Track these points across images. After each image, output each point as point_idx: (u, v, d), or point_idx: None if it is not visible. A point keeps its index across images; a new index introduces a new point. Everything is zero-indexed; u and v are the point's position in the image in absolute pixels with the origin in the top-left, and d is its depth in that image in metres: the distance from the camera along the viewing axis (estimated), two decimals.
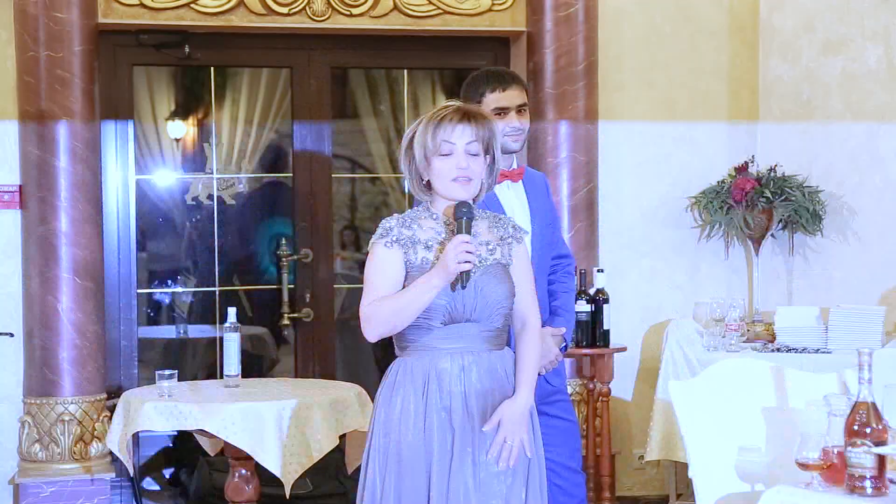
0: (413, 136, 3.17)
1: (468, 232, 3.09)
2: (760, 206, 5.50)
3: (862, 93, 5.54)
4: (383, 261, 3.15)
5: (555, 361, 3.90)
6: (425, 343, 3.18)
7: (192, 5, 5.27)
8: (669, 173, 5.77)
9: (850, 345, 5.07)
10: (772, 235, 5.71)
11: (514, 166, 3.97)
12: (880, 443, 2.83)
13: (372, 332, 3.14)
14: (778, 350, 5.21)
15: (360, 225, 6.43)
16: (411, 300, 3.08)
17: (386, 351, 5.90)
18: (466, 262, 3.04)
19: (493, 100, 3.86)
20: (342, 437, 4.44)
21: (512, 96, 3.88)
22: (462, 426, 3.14)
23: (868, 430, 2.83)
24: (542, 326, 3.76)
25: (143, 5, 5.23)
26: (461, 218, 3.11)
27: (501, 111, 3.86)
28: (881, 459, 2.83)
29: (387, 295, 3.13)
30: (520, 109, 3.89)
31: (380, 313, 3.11)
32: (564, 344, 3.95)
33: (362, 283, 3.22)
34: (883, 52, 5.49)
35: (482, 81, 3.91)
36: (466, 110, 3.17)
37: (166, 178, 6.09)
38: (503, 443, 3.14)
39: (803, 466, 2.95)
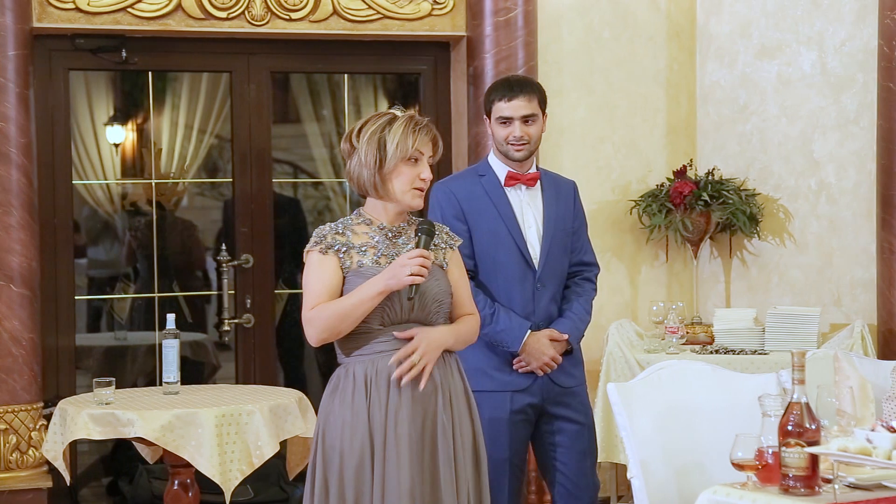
0: (383, 130, 3.20)
1: (426, 248, 3.15)
2: (699, 209, 5.55)
3: (797, 97, 5.61)
4: (320, 267, 3.20)
5: (550, 363, 3.99)
6: (365, 346, 3.21)
7: (128, 9, 5.21)
8: (609, 177, 5.80)
9: (787, 346, 5.13)
10: (710, 238, 5.76)
11: (532, 170, 4.08)
12: (813, 443, 2.86)
13: (315, 336, 3.19)
14: (716, 352, 5.26)
15: (303, 229, 6.40)
16: (355, 305, 3.13)
17: (328, 356, 5.91)
18: (419, 275, 3.09)
19: (497, 109, 4.00)
20: (283, 443, 4.43)
21: (516, 107, 3.98)
22: (402, 424, 3.16)
23: (801, 431, 2.86)
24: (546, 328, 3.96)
25: (78, 9, 5.16)
26: (421, 234, 3.17)
27: (506, 120, 3.99)
28: (814, 459, 2.86)
29: (329, 300, 3.17)
30: (526, 119, 3.99)
31: (323, 318, 3.15)
32: (570, 347, 4.04)
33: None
34: (817, 56, 5.57)
35: (493, 90, 4.06)
36: (427, 124, 3.26)
37: (105, 183, 6.03)
38: (409, 356, 3.15)
39: (739, 466, 2.98)
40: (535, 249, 4.04)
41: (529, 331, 3.98)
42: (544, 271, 4.03)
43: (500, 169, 4.07)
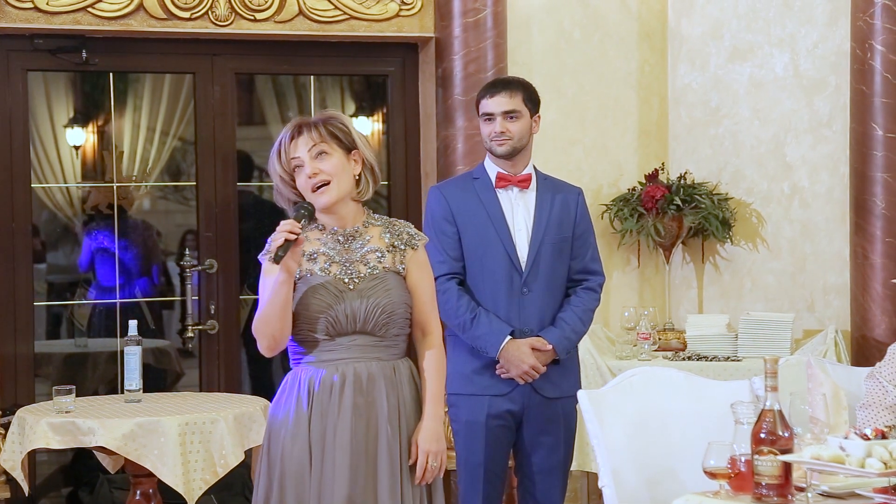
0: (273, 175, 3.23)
1: (298, 221, 3.08)
2: (671, 213, 5.52)
3: (769, 100, 5.59)
4: (269, 276, 3.15)
5: (530, 372, 3.95)
6: (312, 355, 3.18)
7: (89, 9, 5.14)
8: (580, 181, 5.71)
9: (760, 352, 5.12)
10: (683, 243, 5.73)
11: (525, 172, 4.09)
12: (786, 451, 2.84)
13: (260, 345, 3.18)
14: (689, 358, 5.24)
15: (268, 234, 6.33)
16: (269, 302, 3.09)
17: None
18: (279, 238, 3.01)
19: (482, 106, 4.09)
20: (248, 452, 4.39)
21: (498, 103, 4.05)
22: (341, 435, 3.12)
23: (774, 438, 2.83)
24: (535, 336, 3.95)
25: (37, 9, 5.08)
26: (296, 210, 3.12)
27: (488, 117, 4.06)
28: (787, 467, 2.84)
29: None
30: (508, 115, 4.04)
31: (257, 326, 3.14)
32: (557, 357, 4.01)
33: None
34: (789, 59, 5.54)
35: (480, 89, 4.17)
36: (300, 121, 3.20)
37: (65, 186, 5.97)
38: (426, 465, 3.17)
39: (711, 475, 2.97)
40: (522, 252, 4.03)
41: (510, 337, 3.95)
42: (531, 275, 4.01)
43: (493, 171, 4.10)
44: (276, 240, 3.02)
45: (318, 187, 3.13)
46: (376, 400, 3.14)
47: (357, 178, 3.19)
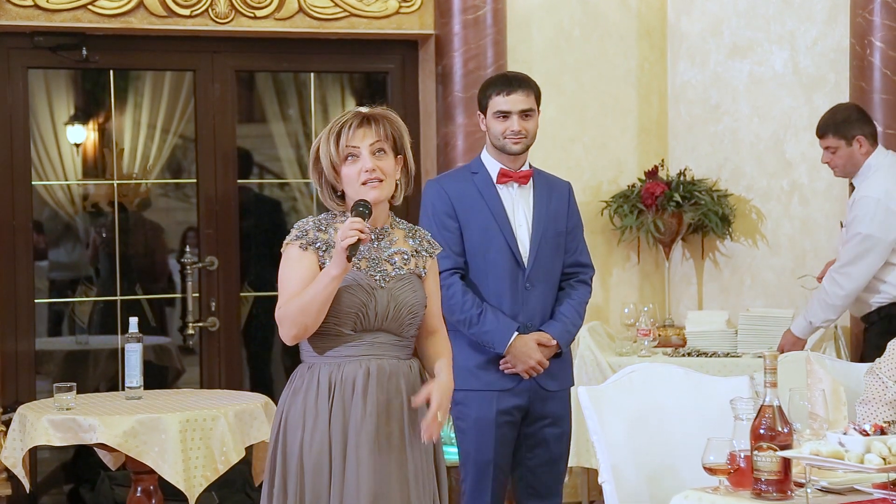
0: (318, 150, 3.15)
1: (362, 219, 3.04)
2: (670, 210, 5.52)
3: (769, 97, 5.60)
4: (298, 263, 3.13)
5: (536, 367, 3.97)
6: (334, 349, 3.15)
7: (89, 6, 5.15)
8: (580, 178, 5.75)
9: (760, 348, 5.11)
10: (682, 239, 5.73)
11: (524, 168, 4.09)
12: (786, 446, 2.84)
13: (286, 333, 3.12)
14: (689, 354, 5.24)
15: (269, 230, 6.34)
16: (315, 295, 3.05)
17: (294, 359, 5.82)
18: (352, 236, 2.98)
19: (495, 103, 4.03)
20: (249, 448, 4.39)
21: (515, 101, 4.01)
22: (366, 432, 3.11)
23: (774, 434, 2.83)
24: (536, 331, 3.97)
25: (37, 7, 5.09)
26: (356, 209, 3.07)
27: (504, 114, 4.01)
28: (786, 463, 2.84)
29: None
30: (524, 114, 4.01)
31: (289, 314, 3.09)
32: (559, 351, 4.02)
33: (269, 290, 3.17)
34: (789, 56, 5.55)
35: (490, 84, 4.10)
36: (366, 113, 3.16)
37: (66, 184, 5.97)
38: (433, 417, 3.13)
39: (710, 471, 2.96)
40: (524, 248, 4.03)
41: (517, 333, 3.96)
42: (533, 270, 4.02)
43: (493, 166, 4.07)
44: (347, 237, 2.97)
45: (370, 181, 3.09)
46: (398, 396, 3.14)
47: (396, 181, 3.18)
